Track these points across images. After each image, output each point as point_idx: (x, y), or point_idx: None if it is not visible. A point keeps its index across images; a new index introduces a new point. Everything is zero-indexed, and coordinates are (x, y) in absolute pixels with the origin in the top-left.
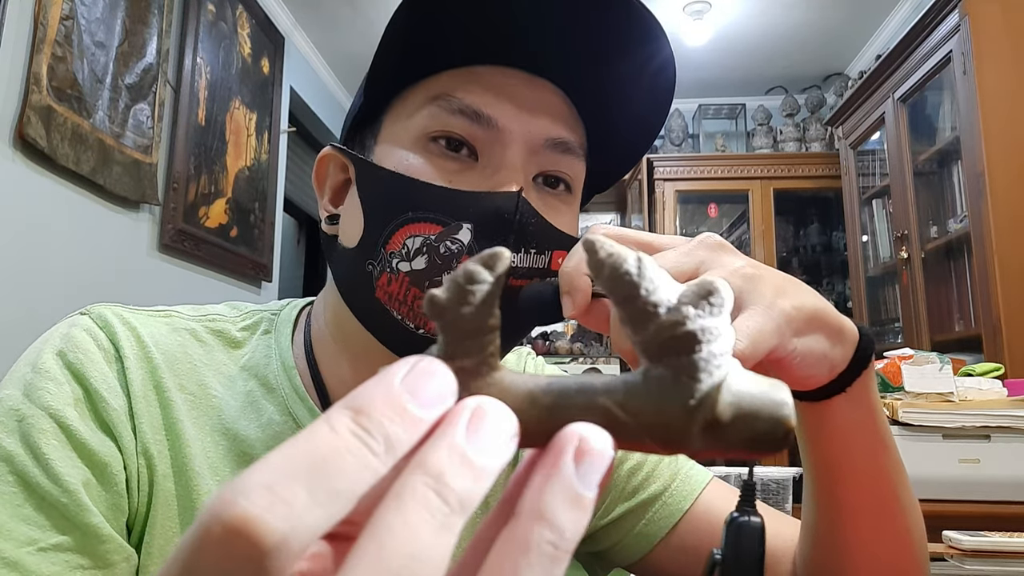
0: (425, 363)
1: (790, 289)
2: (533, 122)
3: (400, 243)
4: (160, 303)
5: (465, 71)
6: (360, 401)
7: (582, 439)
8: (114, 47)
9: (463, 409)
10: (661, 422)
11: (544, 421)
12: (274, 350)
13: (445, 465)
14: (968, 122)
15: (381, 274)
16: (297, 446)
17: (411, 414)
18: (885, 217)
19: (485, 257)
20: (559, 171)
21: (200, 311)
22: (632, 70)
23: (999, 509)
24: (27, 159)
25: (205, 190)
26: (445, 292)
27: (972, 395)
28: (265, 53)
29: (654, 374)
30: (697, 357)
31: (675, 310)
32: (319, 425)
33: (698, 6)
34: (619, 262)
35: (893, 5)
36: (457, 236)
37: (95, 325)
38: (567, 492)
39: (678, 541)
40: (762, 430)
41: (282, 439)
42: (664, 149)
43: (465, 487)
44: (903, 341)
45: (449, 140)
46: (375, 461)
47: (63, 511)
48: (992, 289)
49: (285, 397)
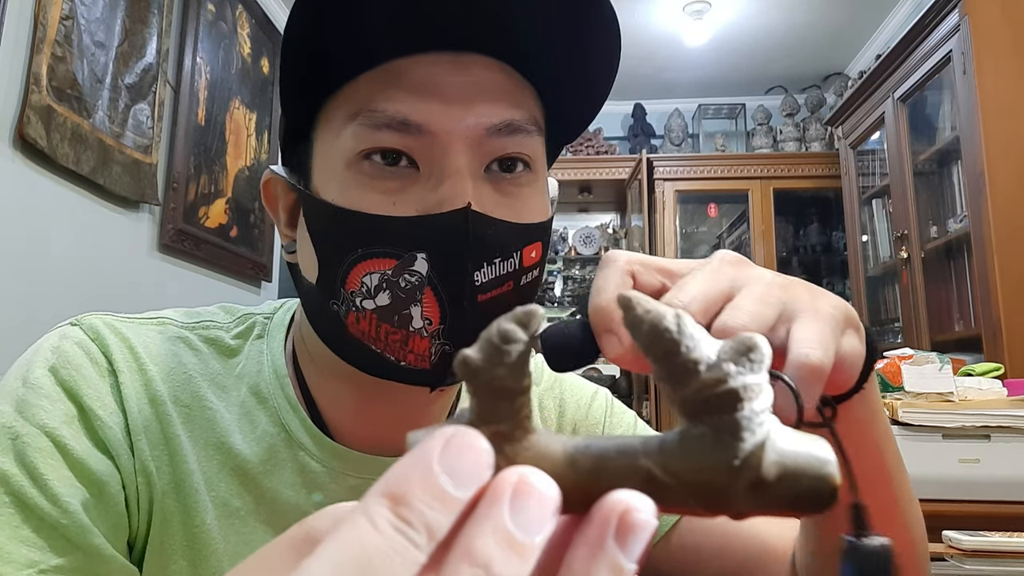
0: (460, 436)
1: (819, 293)
2: (468, 113)
3: (358, 282)
4: (160, 303)
5: (383, 71)
6: (397, 488)
7: (627, 511)
8: (114, 47)
9: (504, 485)
10: (704, 482)
11: (584, 485)
12: (266, 357)
13: (493, 553)
14: (968, 122)
15: (348, 313)
16: (343, 548)
17: (450, 497)
18: (885, 217)
19: (519, 315)
20: (511, 153)
21: (192, 317)
22: (568, 20)
23: (999, 509)
24: (27, 159)
25: (205, 190)
26: (478, 352)
27: (972, 395)
28: (265, 53)
29: (695, 433)
30: (740, 416)
31: (716, 367)
32: (360, 521)
33: (698, 6)
34: (659, 319)
35: (893, 5)
36: (414, 268)
37: (87, 337)
38: (612, 568)
39: (679, 540)
40: (807, 488)
41: (275, 451)
42: (664, 149)
43: (513, 571)
44: (903, 341)
45: (384, 153)
46: (418, 554)
47: (63, 532)
48: (992, 289)
49: (277, 407)
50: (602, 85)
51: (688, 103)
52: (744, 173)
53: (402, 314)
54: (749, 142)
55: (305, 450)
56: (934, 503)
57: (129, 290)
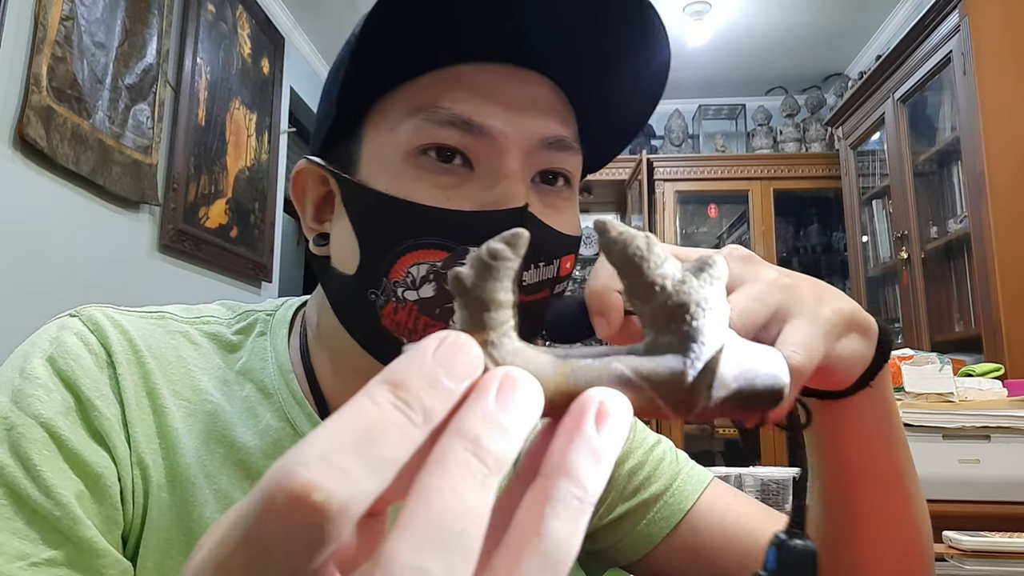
0: (454, 337)
1: (826, 295)
2: (526, 123)
3: (404, 272)
4: (160, 303)
5: (448, 73)
6: (397, 376)
7: (602, 402)
8: (114, 47)
9: (493, 378)
10: (671, 384)
11: (563, 387)
12: (270, 353)
13: (481, 430)
14: (968, 122)
15: (386, 303)
16: (344, 419)
17: (445, 386)
18: (885, 217)
19: (507, 236)
20: (558, 168)
21: (193, 312)
22: (622, 53)
23: (999, 509)
24: (27, 159)
25: (205, 190)
26: (470, 269)
27: (972, 395)
28: (265, 53)
29: (663, 341)
30: (701, 323)
31: (680, 283)
32: (361, 399)
33: (698, 6)
34: (629, 239)
35: (893, 5)
36: (464, 261)
37: (86, 328)
38: (590, 450)
39: (679, 541)
40: (762, 387)
41: (280, 445)
42: (664, 149)
43: (500, 449)
44: (903, 341)
45: (440, 150)
46: (415, 431)
47: (56, 524)
48: (992, 289)
49: (282, 402)
50: (630, 130)
51: (688, 103)
52: (744, 174)
53: (444, 307)
54: (749, 143)
55: None
56: (934, 503)
57: (129, 290)
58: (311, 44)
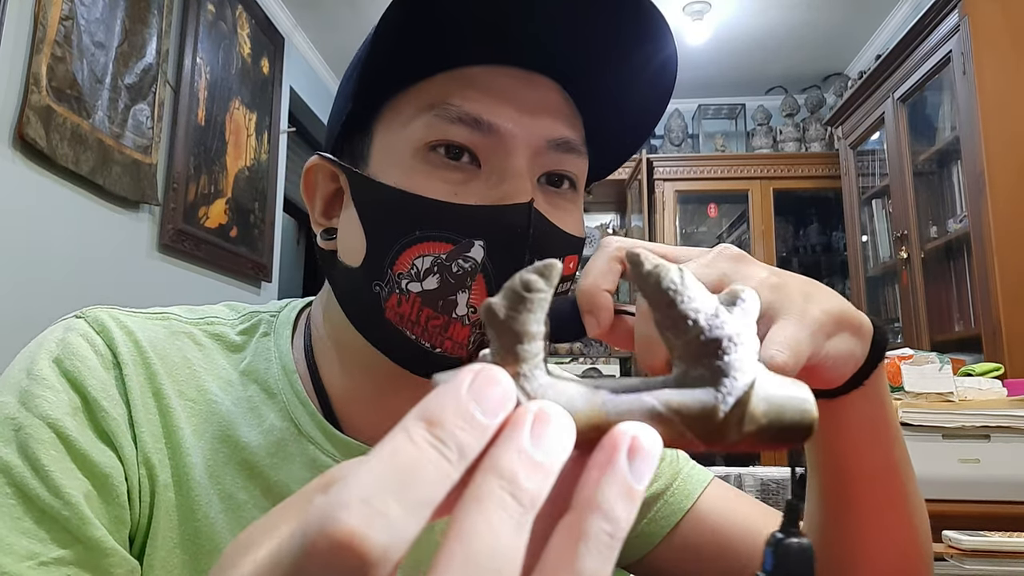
0: (487, 371)
1: (816, 294)
2: (535, 124)
3: (409, 263)
4: (160, 303)
5: (460, 73)
6: (432, 412)
7: (635, 437)
8: (114, 47)
9: (527, 413)
10: (701, 417)
11: (595, 420)
12: (274, 353)
13: (517, 467)
14: (968, 122)
15: (390, 295)
16: (383, 460)
17: (479, 422)
18: (885, 217)
19: (540, 267)
20: (563, 170)
21: (197, 313)
22: (634, 64)
23: (999, 509)
24: (27, 159)
25: (205, 190)
26: (503, 299)
27: (972, 395)
28: (265, 53)
29: (694, 374)
30: (733, 358)
31: (713, 316)
32: (399, 436)
33: (698, 6)
34: (664, 273)
35: (893, 5)
36: (469, 254)
37: (92, 330)
38: (622, 486)
39: (680, 540)
40: (789, 422)
41: (284, 445)
42: (664, 149)
43: (535, 487)
44: (903, 341)
45: (448, 148)
46: (451, 469)
47: (64, 524)
48: (992, 289)
49: (286, 402)
50: (638, 136)
51: (688, 103)
52: (744, 173)
53: (447, 299)
54: (749, 142)
55: (315, 443)
56: (934, 503)
57: (129, 290)
58: (311, 44)
